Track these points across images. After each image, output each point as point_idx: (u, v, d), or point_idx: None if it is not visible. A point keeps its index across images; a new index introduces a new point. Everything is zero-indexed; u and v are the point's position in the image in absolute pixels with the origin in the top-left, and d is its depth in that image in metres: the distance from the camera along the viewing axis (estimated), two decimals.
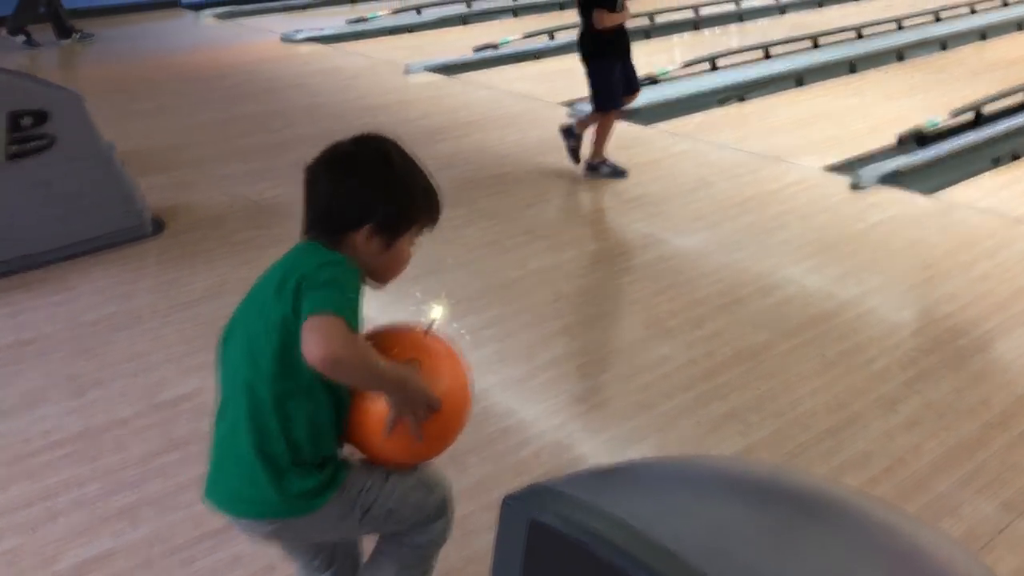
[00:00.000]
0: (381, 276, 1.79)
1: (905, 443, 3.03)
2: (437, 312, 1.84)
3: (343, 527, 1.82)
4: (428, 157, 1.90)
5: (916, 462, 2.94)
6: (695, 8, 10.59)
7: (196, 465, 2.95)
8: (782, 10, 11.06)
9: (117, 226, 4.54)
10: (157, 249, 4.57)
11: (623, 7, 5.21)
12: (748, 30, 10.25)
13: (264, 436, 1.69)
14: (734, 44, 9.18)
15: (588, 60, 5.32)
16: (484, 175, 5.50)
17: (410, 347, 1.76)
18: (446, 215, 1.87)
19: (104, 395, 3.35)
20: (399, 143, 1.80)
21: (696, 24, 10.24)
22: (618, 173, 5.39)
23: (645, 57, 8.73)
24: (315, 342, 1.57)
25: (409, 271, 1.88)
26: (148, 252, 4.53)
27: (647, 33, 9.69)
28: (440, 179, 1.88)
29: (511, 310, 3.88)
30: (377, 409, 1.73)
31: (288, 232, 1.92)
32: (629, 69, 5.37)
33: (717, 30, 10.21)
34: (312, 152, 1.81)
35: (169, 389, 3.37)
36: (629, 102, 5.51)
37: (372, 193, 1.71)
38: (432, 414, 1.72)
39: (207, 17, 11.16)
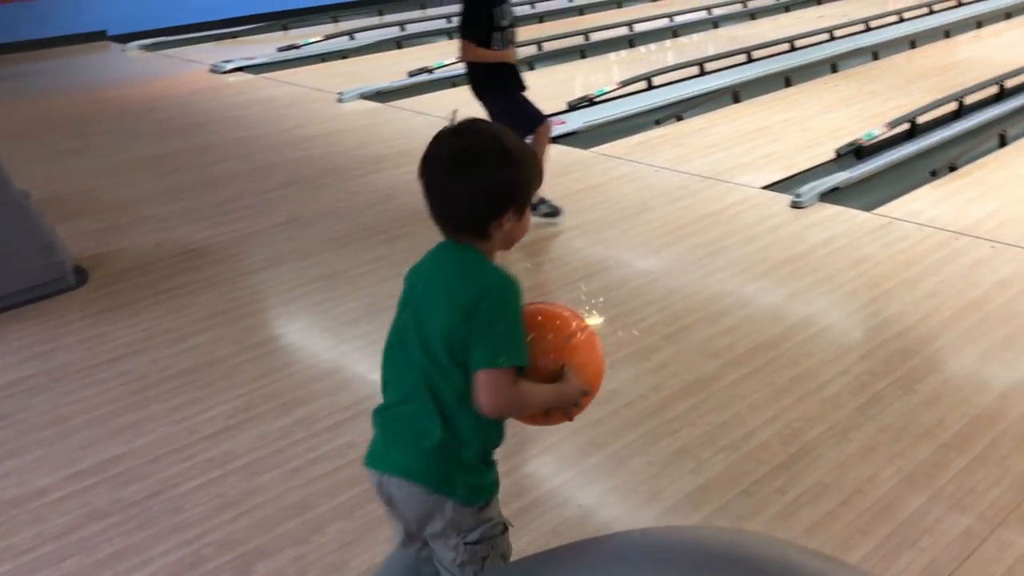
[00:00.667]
0: (512, 242, 1.92)
1: (861, 473, 2.95)
2: (588, 320, 1.98)
3: (451, 542, 1.90)
4: (365, 188, 1.82)
5: (873, 492, 2.86)
6: (629, 25, 10.59)
7: (120, 537, 2.78)
8: (715, 24, 11.12)
9: (36, 280, 4.32)
10: (80, 302, 4.36)
11: (507, 45, 4.77)
12: (683, 45, 10.27)
13: (449, 430, 1.83)
14: (670, 60, 9.18)
15: (484, 97, 4.90)
16: (424, 206, 5.34)
17: (557, 353, 1.91)
18: (387, 250, 1.78)
19: (20, 465, 3.15)
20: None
21: (631, 41, 10.23)
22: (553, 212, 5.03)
23: (582, 77, 8.72)
24: (484, 396, 1.78)
25: (354, 307, 1.74)
26: (70, 306, 4.32)
27: (582, 52, 9.66)
28: (379, 211, 1.83)
29: None
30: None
31: (219, 275, 1.80)
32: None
33: (652, 46, 10.21)
34: (247, 188, 1.72)
35: (91, 455, 3.18)
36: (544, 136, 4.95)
37: (508, 183, 1.85)
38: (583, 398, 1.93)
39: (133, 49, 10.88)
